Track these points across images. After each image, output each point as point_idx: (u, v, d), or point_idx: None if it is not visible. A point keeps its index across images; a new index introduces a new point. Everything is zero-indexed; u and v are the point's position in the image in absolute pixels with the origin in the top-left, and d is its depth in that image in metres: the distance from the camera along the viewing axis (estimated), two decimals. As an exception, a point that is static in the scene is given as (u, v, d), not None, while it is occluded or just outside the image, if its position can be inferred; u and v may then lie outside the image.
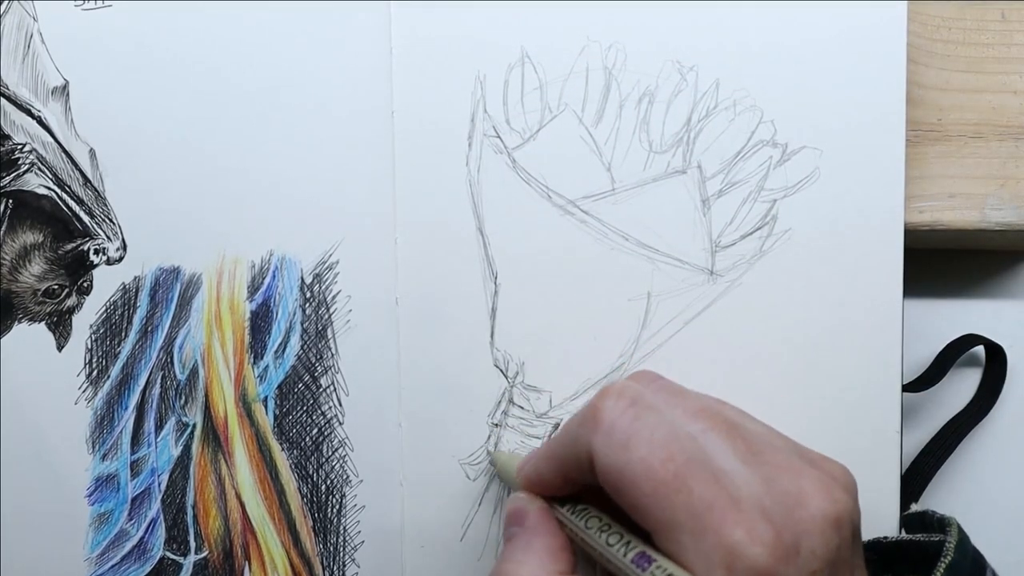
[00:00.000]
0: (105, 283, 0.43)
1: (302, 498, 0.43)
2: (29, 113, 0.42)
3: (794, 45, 0.41)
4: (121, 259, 0.43)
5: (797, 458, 0.32)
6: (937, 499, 0.47)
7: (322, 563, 0.43)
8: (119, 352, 0.43)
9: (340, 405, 0.43)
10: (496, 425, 0.43)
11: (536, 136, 0.42)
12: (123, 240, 0.42)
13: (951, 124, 0.43)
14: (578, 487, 0.35)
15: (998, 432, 0.48)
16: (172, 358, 0.43)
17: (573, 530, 0.34)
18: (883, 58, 0.41)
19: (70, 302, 0.43)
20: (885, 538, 0.40)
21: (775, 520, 0.29)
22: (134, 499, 0.43)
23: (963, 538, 0.38)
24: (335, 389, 0.43)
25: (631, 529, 0.32)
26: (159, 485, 0.43)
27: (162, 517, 0.43)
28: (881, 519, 0.42)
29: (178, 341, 0.43)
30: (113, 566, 0.43)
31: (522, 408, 0.43)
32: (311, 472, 0.43)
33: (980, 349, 0.47)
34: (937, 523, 0.39)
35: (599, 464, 0.31)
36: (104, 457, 0.43)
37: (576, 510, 0.34)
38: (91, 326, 0.43)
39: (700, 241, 0.42)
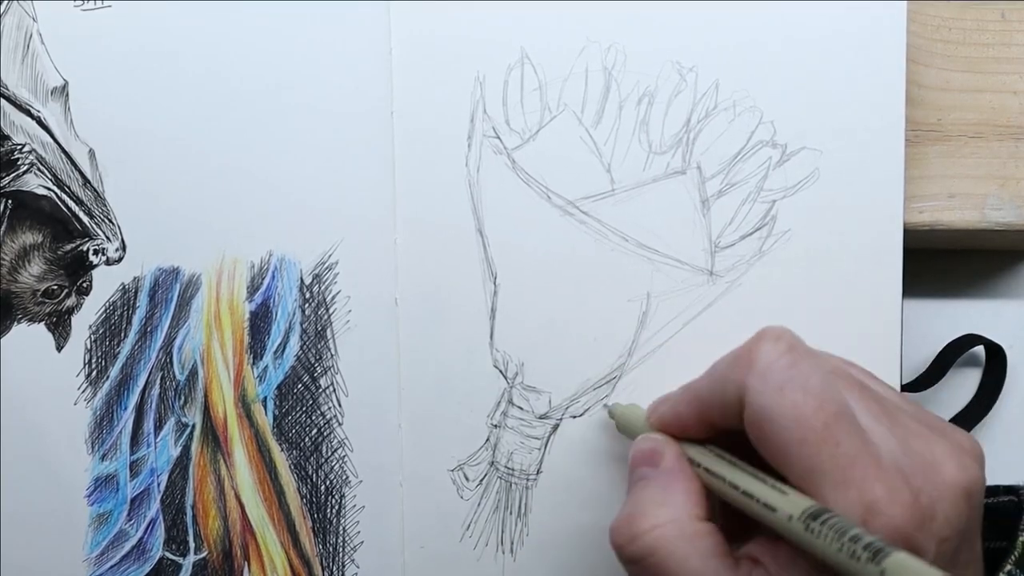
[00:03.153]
0: (104, 283, 0.43)
1: (301, 499, 0.43)
2: (28, 113, 0.42)
3: (794, 46, 0.41)
4: (120, 259, 0.43)
5: (925, 426, 0.32)
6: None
7: (321, 564, 0.43)
8: (118, 352, 0.43)
9: (339, 406, 0.43)
10: (496, 426, 0.43)
11: (536, 137, 0.42)
12: (122, 240, 0.42)
13: (951, 124, 0.43)
14: (712, 432, 0.34)
15: (998, 432, 0.48)
16: (171, 358, 0.43)
17: (710, 473, 0.33)
18: (883, 59, 0.41)
19: (69, 302, 0.43)
20: None
21: (913, 483, 0.29)
22: (133, 499, 0.43)
23: None
24: (334, 390, 0.43)
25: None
26: (158, 485, 0.43)
27: (161, 517, 0.43)
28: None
29: (177, 341, 0.43)
30: (112, 566, 0.43)
31: (521, 409, 0.43)
32: (310, 473, 0.43)
33: (980, 349, 0.47)
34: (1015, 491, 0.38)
35: (750, 406, 0.31)
36: (103, 457, 0.43)
37: (712, 451, 0.34)
38: (90, 326, 0.43)
39: (699, 242, 0.42)
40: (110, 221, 0.42)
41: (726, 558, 0.32)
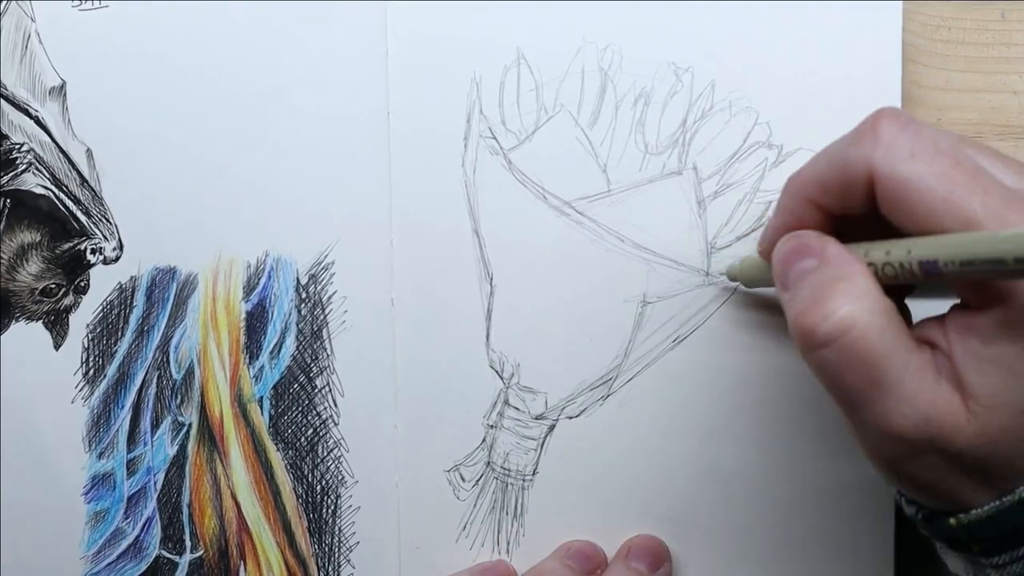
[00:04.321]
0: (102, 283, 0.43)
1: (297, 498, 0.43)
2: (27, 113, 0.42)
3: (790, 47, 0.41)
4: (118, 259, 0.43)
5: None
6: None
7: (317, 563, 0.43)
8: (115, 351, 0.43)
9: (335, 406, 0.43)
10: (492, 427, 0.43)
11: (532, 137, 0.42)
12: (120, 240, 0.43)
13: (951, 124, 0.43)
14: (822, 228, 0.33)
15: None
16: (168, 358, 0.43)
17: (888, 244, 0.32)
18: (879, 59, 0.40)
19: (67, 301, 0.43)
20: None
21: None
22: (130, 498, 0.43)
23: None
24: (330, 390, 0.43)
25: None
26: (155, 484, 0.43)
27: (158, 516, 0.43)
28: (878, 515, 0.42)
29: (174, 341, 0.43)
30: (109, 564, 0.43)
31: (517, 409, 0.42)
32: (306, 473, 0.43)
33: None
34: None
35: (885, 178, 0.30)
36: (100, 456, 0.43)
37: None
38: (88, 325, 0.43)
39: (696, 243, 0.41)
40: (107, 220, 0.43)
41: (911, 339, 0.31)
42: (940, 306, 0.33)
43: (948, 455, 0.30)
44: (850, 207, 0.32)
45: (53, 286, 0.43)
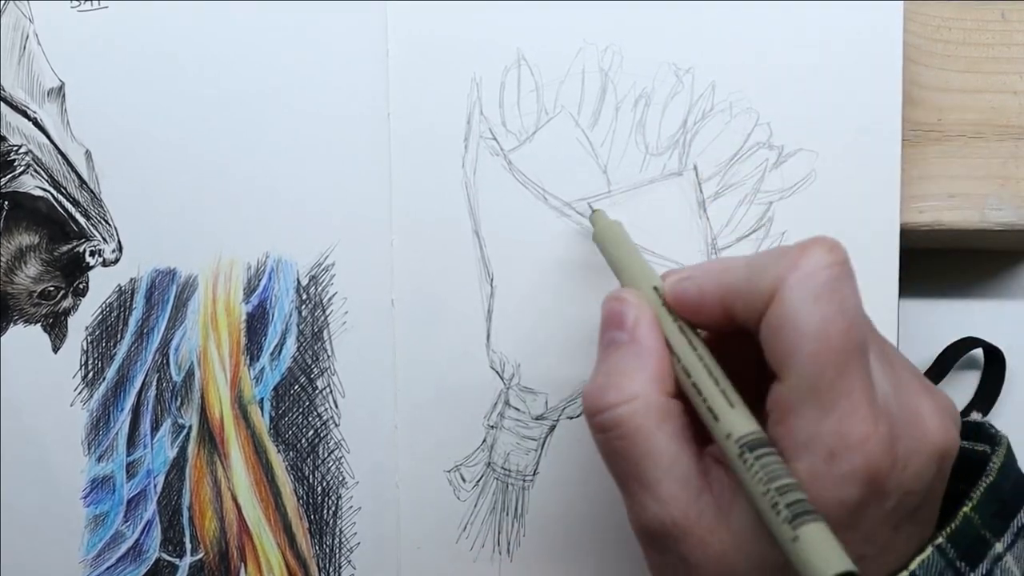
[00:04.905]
0: (101, 285, 0.43)
1: (298, 500, 0.43)
2: (25, 115, 0.42)
3: (790, 47, 0.41)
4: (117, 261, 0.43)
5: (917, 380, 0.32)
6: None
7: (318, 565, 0.43)
8: (115, 354, 0.43)
9: (336, 407, 0.43)
10: (492, 427, 0.43)
11: (532, 138, 0.42)
12: (119, 242, 0.42)
13: (951, 124, 0.43)
14: (719, 322, 0.33)
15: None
16: (168, 360, 0.43)
17: (674, 353, 0.33)
18: (879, 60, 0.40)
19: (66, 304, 0.43)
20: None
21: (896, 428, 0.29)
22: (130, 501, 0.43)
23: (1010, 461, 0.35)
24: (331, 391, 0.43)
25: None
26: (155, 487, 0.43)
27: (158, 519, 0.43)
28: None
29: (174, 343, 0.43)
30: (109, 568, 0.43)
31: (518, 410, 0.42)
32: (307, 474, 0.43)
33: (979, 351, 0.47)
34: (989, 438, 0.37)
35: (781, 304, 0.30)
36: (100, 459, 0.43)
37: (689, 333, 0.33)
38: (87, 328, 0.43)
39: (696, 243, 0.41)
40: (107, 222, 0.42)
41: (690, 444, 0.32)
42: (940, 306, 0.33)
43: (687, 564, 0.31)
44: (748, 319, 0.32)
45: (52, 288, 0.43)
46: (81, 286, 0.43)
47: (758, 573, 0.30)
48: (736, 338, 0.33)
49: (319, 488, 0.43)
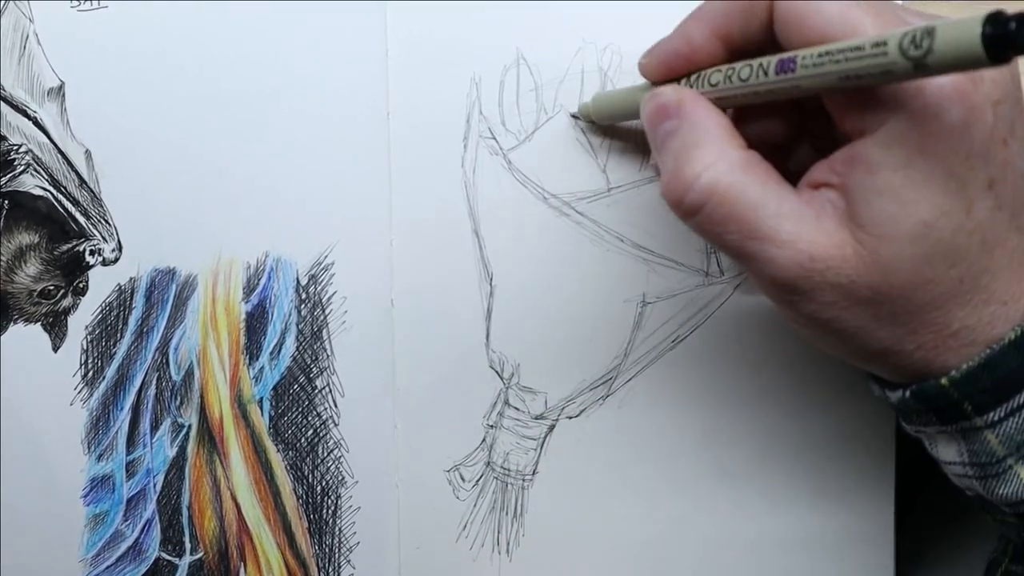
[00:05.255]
0: (101, 284, 0.43)
1: (297, 499, 0.43)
2: (25, 114, 0.42)
3: (789, 46, 0.41)
4: (117, 260, 0.43)
5: None
6: (937, 497, 0.47)
7: (317, 564, 0.43)
8: (115, 353, 0.43)
9: (335, 406, 0.43)
10: (491, 426, 0.43)
11: (532, 137, 0.42)
12: (119, 241, 0.42)
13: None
14: (715, 60, 0.32)
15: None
16: (168, 359, 0.43)
17: (726, 94, 0.32)
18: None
19: (66, 303, 0.43)
20: None
21: None
22: (129, 500, 0.43)
23: None
24: (330, 390, 0.43)
25: None
26: (154, 486, 0.43)
27: (157, 518, 0.43)
28: (878, 514, 0.42)
29: (173, 342, 0.43)
30: (108, 567, 0.43)
31: (517, 410, 0.43)
32: (307, 473, 0.43)
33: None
34: None
35: None
36: (99, 458, 0.43)
37: (717, 71, 0.32)
38: (87, 327, 0.43)
39: (696, 242, 0.41)
40: (106, 222, 0.42)
41: (783, 183, 0.31)
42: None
43: (840, 289, 0.30)
44: (750, 35, 0.31)
45: (52, 288, 0.43)
46: (81, 285, 0.43)
47: (909, 246, 0.29)
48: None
49: (318, 488, 0.43)
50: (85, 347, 0.43)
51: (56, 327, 0.43)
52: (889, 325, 0.31)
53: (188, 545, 0.43)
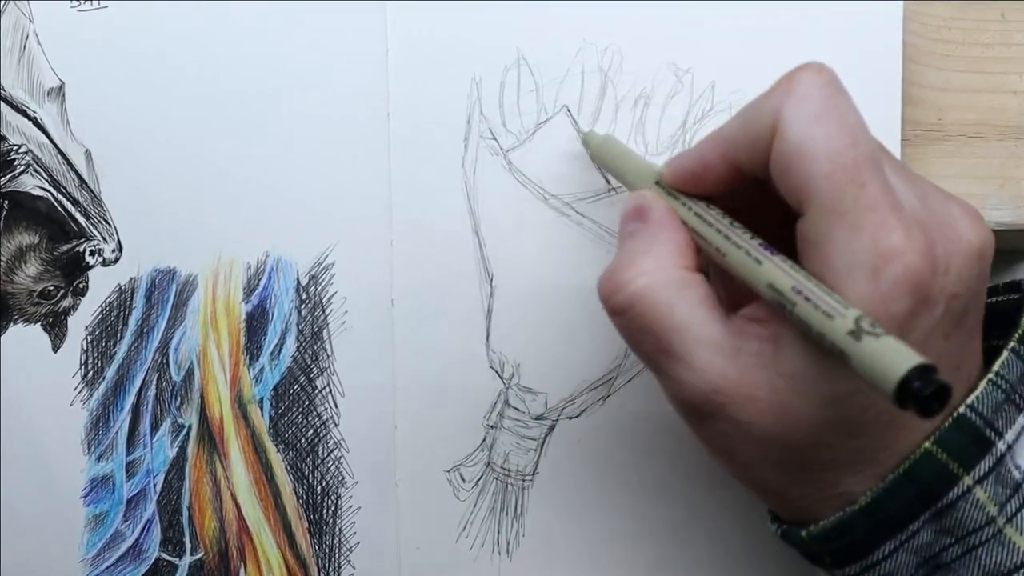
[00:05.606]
0: (101, 284, 0.43)
1: (298, 499, 0.43)
2: (25, 114, 0.42)
3: (790, 47, 0.41)
4: (117, 260, 0.43)
5: (937, 189, 0.32)
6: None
7: (318, 564, 0.43)
8: (115, 353, 0.43)
9: (336, 407, 0.43)
10: (492, 427, 0.43)
11: (532, 138, 0.42)
12: (119, 241, 0.42)
13: (951, 124, 0.43)
14: (731, 182, 0.33)
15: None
16: (168, 359, 0.43)
17: (698, 228, 0.32)
18: (879, 60, 0.40)
19: (66, 303, 0.43)
20: None
21: (930, 233, 0.29)
22: (129, 500, 0.43)
23: None
24: (331, 391, 0.43)
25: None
26: (154, 486, 0.43)
27: (157, 518, 0.43)
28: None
29: (174, 342, 0.43)
30: (108, 567, 0.43)
31: (517, 410, 0.42)
32: (307, 473, 0.43)
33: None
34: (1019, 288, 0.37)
35: (783, 135, 0.29)
36: (99, 458, 0.43)
37: (706, 206, 0.33)
38: (87, 327, 0.43)
39: (696, 243, 0.41)
40: (106, 222, 0.42)
41: (716, 310, 0.31)
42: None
43: (739, 425, 0.30)
44: (756, 165, 0.31)
45: (52, 288, 0.43)
46: (81, 285, 0.43)
47: (818, 410, 0.29)
48: (754, 194, 0.32)
49: (319, 488, 0.43)
50: (85, 347, 0.43)
51: (56, 327, 0.43)
52: (777, 470, 0.32)
53: (188, 545, 0.43)
